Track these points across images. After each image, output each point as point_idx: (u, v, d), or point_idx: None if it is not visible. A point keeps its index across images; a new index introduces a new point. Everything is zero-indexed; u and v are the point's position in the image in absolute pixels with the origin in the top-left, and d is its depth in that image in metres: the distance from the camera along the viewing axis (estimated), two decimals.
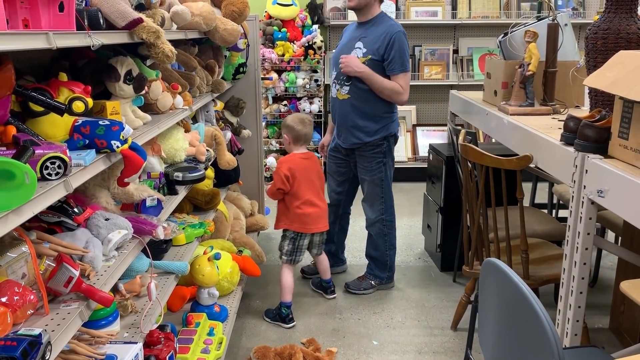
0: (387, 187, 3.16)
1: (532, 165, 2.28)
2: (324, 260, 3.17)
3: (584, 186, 1.81)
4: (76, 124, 1.45)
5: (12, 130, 1.29)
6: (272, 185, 2.92)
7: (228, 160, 2.87)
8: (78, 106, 1.49)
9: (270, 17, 5.35)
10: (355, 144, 3.09)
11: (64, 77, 1.51)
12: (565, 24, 2.75)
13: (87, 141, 1.44)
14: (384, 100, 3.01)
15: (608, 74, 1.76)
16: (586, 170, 1.80)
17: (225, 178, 3.17)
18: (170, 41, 1.88)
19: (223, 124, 3.32)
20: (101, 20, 1.49)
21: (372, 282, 3.30)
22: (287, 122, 2.96)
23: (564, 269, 1.97)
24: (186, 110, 2.34)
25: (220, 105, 3.33)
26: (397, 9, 5.44)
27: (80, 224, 1.55)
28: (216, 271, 2.53)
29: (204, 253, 2.54)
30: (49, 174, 1.20)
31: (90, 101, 1.53)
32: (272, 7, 5.34)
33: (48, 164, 1.19)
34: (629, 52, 1.79)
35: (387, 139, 3.08)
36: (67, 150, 1.24)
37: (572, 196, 1.88)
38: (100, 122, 1.47)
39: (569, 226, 1.91)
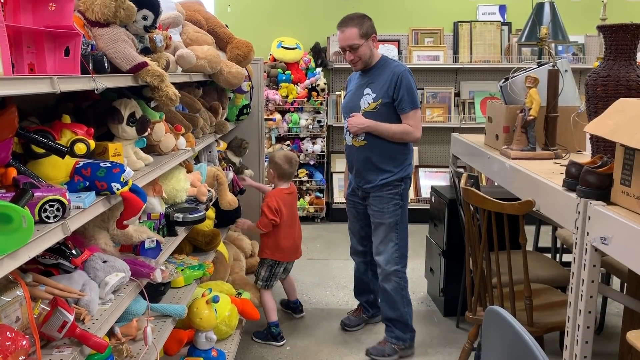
0: (402, 232, 3.03)
1: (534, 209, 2.26)
2: (291, 281, 3.48)
3: (587, 233, 1.80)
4: (77, 166, 1.45)
5: (12, 172, 1.29)
6: (264, 217, 3.13)
7: (229, 200, 2.87)
8: (80, 148, 1.49)
9: (274, 59, 5.45)
10: (375, 186, 3.01)
11: (67, 119, 1.53)
12: (566, 70, 2.78)
13: (88, 183, 1.44)
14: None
15: (609, 121, 1.77)
16: (589, 217, 1.79)
17: (226, 218, 3.16)
18: (175, 83, 1.91)
19: (225, 164, 3.33)
20: (106, 64, 1.51)
21: (395, 347, 3.03)
22: (275, 159, 3.21)
23: (569, 317, 1.93)
24: (189, 151, 2.36)
25: (223, 145, 3.35)
26: (400, 52, 5.54)
27: (77, 266, 1.53)
28: (214, 314, 2.49)
29: (203, 295, 2.51)
30: (47, 217, 1.20)
31: (92, 143, 1.54)
32: (276, 50, 5.44)
33: (47, 206, 1.19)
34: (629, 100, 1.80)
35: (405, 180, 3.03)
36: (67, 193, 1.23)
37: (576, 243, 1.86)
38: (102, 165, 1.47)
39: (573, 273, 1.88)
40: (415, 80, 2.94)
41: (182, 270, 2.43)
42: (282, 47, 5.44)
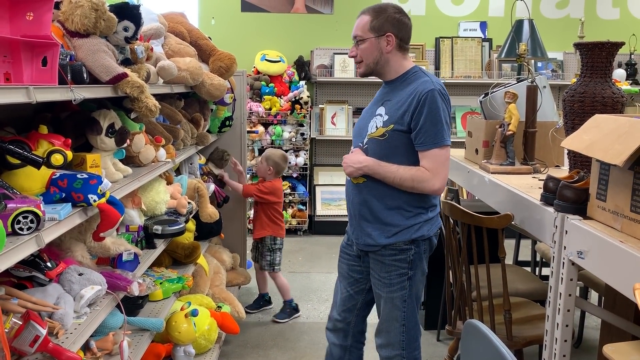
0: (410, 311, 2.22)
1: (513, 223, 2.29)
2: (264, 274, 3.67)
3: (565, 247, 1.82)
4: (54, 177, 1.43)
5: None
6: (253, 192, 3.50)
7: (210, 213, 2.86)
8: (57, 159, 1.48)
9: (258, 72, 5.46)
10: (371, 246, 2.19)
11: (44, 129, 1.51)
12: (544, 86, 2.83)
13: (64, 194, 1.42)
14: None
15: (585, 137, 1.80)
16: (566, 231, 1.81)
17: (207, 231, 3.15)
18: (156, 94, 1.90)
19: (206, 177, 3.31)
20: (85, 75, 1.50)
21: None
22: (274, 158, 3.52)
23: (547, 330, 1.95)
24: (169, 162, 2.34)
25: (202, 159, 3.33)
26: None
27: (52, 279, 1.51)
28: (193, 328, 2.46)
29: (181, 309, 2.48)
30: (21, 229, 1.17)
31: (69, 154, 1.52)
32: (260, 62, 5.46)
33: (20, 218, 1.17)
34: (604, 116, 1.84)
35: (417, 243, 2.17)
36: (42, 204, 1.21)
37: (553, 256, 1.88)
38: (79, 176, 1.45)
39: (551, 287, 1.90)
40: (450, 103, 2.15)
41: (160, 283, 2.40)
42: (266, 59, 5.45)
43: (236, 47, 4.47)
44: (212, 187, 3.16)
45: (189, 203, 2.61)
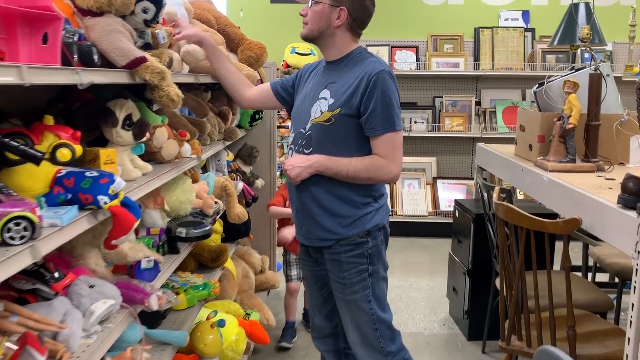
0: (379, 311, 2.04)
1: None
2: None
3: None
4: (58, 175, 1.24)
5: None
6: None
7: (238, 213, 2.65)
8: (63, 154, 1.28)
9: (288, 65, 5.25)
10: (324, 241, 2.02)
11: (49, 120, 1.31)
12: (607, 74, 2.54)
13: (70, 195, 1.22)
14: None
15: None
16: None
17: (235, 232, 2.94)
18: (180, 85, 1.70)
19: (234, 175, 3.11)
20: (95, 57, 1.30)
21: None
22: None
23: (627, 355, 1.68)
24: (193, 159, 2.14)
25: (231, 156, 3.12)
26: (418, 59, 5.31)
27: (58, 292, 1.31)
28: (219, 340, 2.26)
29: (207, 318, 2.28)
30: (12, 238, 0.98)
31: (78, 148, 1.32)
32: (290, 55, 5.25)
33: (11, 225, 0.97)
34: None
35: (374, 234, 2.01)
36: (38, 209, 1.01)
37: (636, 269, 1.61)
38: (87, 174, 1.25)
39: (633, 305, 1.63)
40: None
41: (185, 290, 2.21)
42: (296, 52, 5.24)
43: (265, 40, 4.21)
44: (241, 185, 2.95)
45: (215, 203, 2.41)
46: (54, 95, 1.72)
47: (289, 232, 2.96)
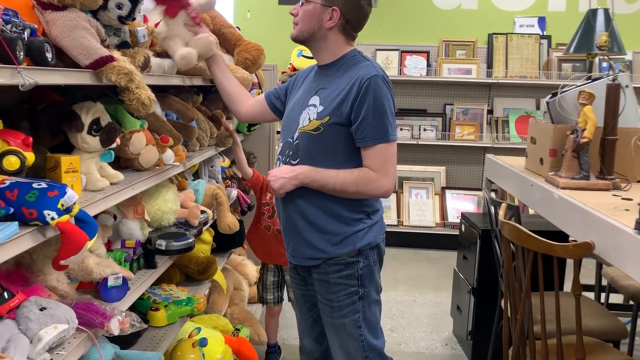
0: (370, 337, 1.89)
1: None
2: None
3: None
4: (1, 186, 1.10)
5: None
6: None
7: (229, 223, 2.51)
8: (11, 162, 1.15)
9: (294, 69, 5.12)
10: (311, 260, 1.88)
11: None
12: (626, 85, 2.37)
13: (12, 210, 1.08)
14: None
15: None
16: None
17: (227, 242, 2.80)
18: (167, 87, 1.57)
19: (230, 182, 2.97)
20: (48, 55, 1.17)
21: None
22: None
23: None
24: (177, 166, 2.00)
25: (226, 162, 2.99)
26: (429, 65, 5.15)
27: (2, 315, 1.18)
28: None
29: (190, 336, 2.14)
30: None
31: (30, 156, 1.19)
32: (297, 58, 5.12)
33: None
34: None
35: (365, 254, 1.86)
36: None
37: None
38: (35, 185, 1.12)
39: None
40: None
41: (165, 306, 2.07)
42: (303, 55, 5.10)
43: (272, 42, 4.13)
44: (235, 192, 2.82)
45: (203, 212, 2.27)
46: (24, 96, 1.60)
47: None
